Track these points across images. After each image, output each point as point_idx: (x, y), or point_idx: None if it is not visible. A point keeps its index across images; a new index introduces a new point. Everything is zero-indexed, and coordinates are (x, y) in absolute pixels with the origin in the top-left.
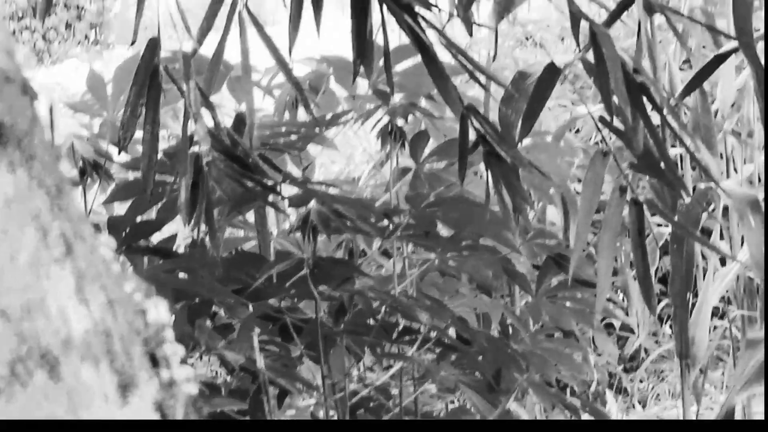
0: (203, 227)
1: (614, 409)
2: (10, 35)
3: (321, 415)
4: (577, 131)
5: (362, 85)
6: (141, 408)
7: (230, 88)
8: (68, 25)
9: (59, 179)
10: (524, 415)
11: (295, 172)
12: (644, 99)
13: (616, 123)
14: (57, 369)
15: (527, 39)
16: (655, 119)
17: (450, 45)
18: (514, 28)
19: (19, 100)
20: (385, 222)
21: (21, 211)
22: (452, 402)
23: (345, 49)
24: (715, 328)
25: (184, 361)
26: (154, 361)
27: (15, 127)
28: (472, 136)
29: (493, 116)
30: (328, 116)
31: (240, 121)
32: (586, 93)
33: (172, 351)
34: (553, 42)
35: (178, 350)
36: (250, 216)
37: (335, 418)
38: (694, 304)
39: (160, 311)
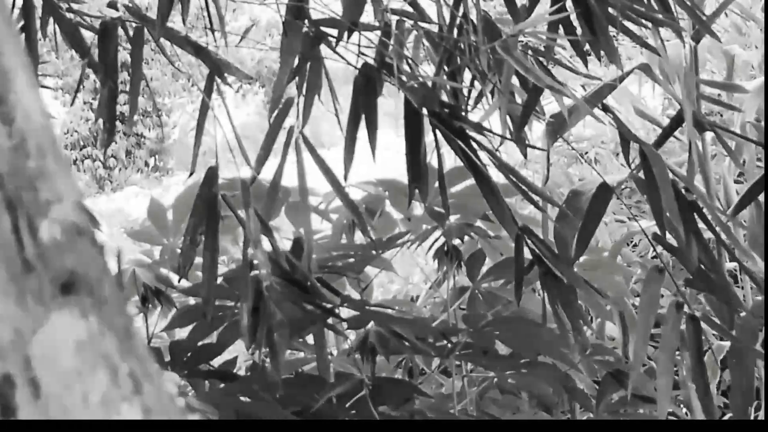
0: (264, 350)
1: None
2: (80, 191)
3: None
4: (635, 245)
5: (418, 207)
6: None
7: (288, 213)
8: (128, 153)
9: (128, 321)
10: None
11: (354, 294)
12: (696, 216)
13: (670, 239)
14: None
15: (582, 156)
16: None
17: (502, 166)
18: (568, 145)
19: (89, 250)
20: (444, 341)
21: (93, 354)
22: None
23: (399, 168)
24: None
25: None
26: None
27: (86, 276)
28: (528, 255)
29: (550, 234)
30: (385, 238)
31: (298, 245)
32: (643, 207)
33: None
34: (608, 157)
35: None
36: (310, 338)
37: None
38: (756, 417)
39: None
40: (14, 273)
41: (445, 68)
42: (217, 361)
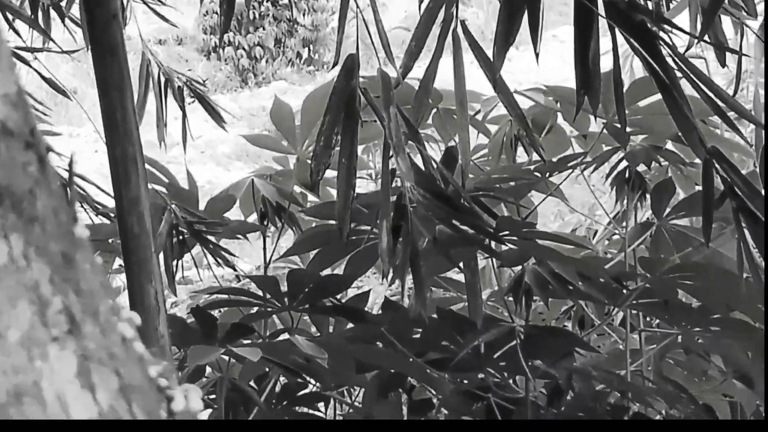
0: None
1: None
2: (16, 81)
3: None
4: None
5: (597, 123)
6: None
7: (436, 122)
8: (277, 42)
9: (69, 246)
10: None
11: None
12: None
13: None
14: None
15: None
16: None
17: (695, 74)
18: None
19: (19, 156)
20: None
21: (13, 282)
22: None
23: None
24: None
25: None
26: None
27: (10, 187)
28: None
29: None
30: (555, 159)
31: (450, 156)
32: None
33: None
34: None
35: None
36: (456, 276)
37: None
38: None
39: (191, 399)
40: None
41: None
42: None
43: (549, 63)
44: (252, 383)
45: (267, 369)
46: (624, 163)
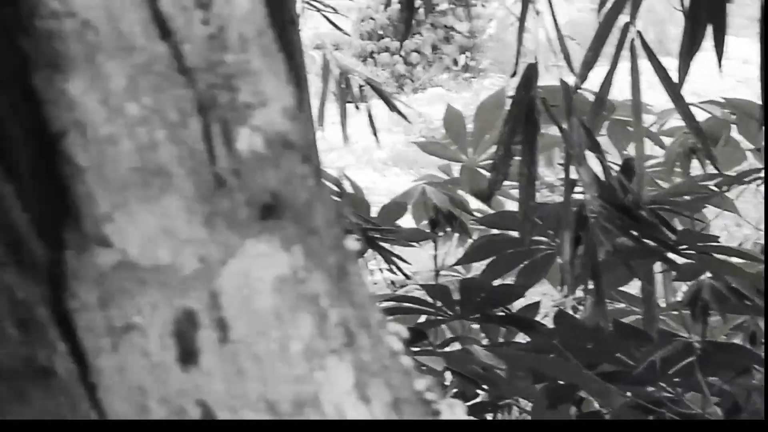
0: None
1: None
2: (294, 94)
3: None
4: None
5: None
6: None
7: (610, 132)
8: (434, 48)
9: (343, 258)
10: None
11: None
12: None
13: None
14: None
15: None
16: None
17: None
18: None
19: (299, 168)
20: None
21: (296, 294)
22: None
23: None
24: None
25: None
26: None
27: (293, 199)
28: None
29: None
30: (731, 172)
31: (628, 167)
32: None
33: None
34: None
35: None
36: (629, 287)
37: None
38: None
39: (455, 413)
40: (202, 189)
41: None
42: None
43: (703, 71)
44: None
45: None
46: None
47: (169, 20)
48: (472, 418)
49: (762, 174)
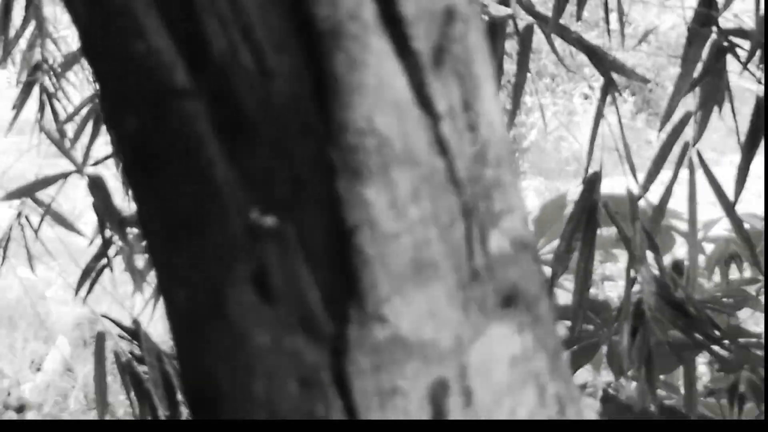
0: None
1: None
2: (525, 204)
3: None
4: None
5: None
6: None
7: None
8: None
9: (557, 342)
10: None
11: None
12: None
13: None
14: None
15: None
16: None
17: None
18: None
19: (531, 266)
20: None
21: (525, 370)
22: None
23: None
24: None
25: None
26: None
27: (527, 291)
28: None
29: None
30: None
31: (678, 269)
32: None
33: None
34: None
35: None
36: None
37: None
38: None
39: None
40: (462, 280)
41: None
42: None
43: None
44: None
45: None
46: None
47: (446, 140)
48: None
49: None
